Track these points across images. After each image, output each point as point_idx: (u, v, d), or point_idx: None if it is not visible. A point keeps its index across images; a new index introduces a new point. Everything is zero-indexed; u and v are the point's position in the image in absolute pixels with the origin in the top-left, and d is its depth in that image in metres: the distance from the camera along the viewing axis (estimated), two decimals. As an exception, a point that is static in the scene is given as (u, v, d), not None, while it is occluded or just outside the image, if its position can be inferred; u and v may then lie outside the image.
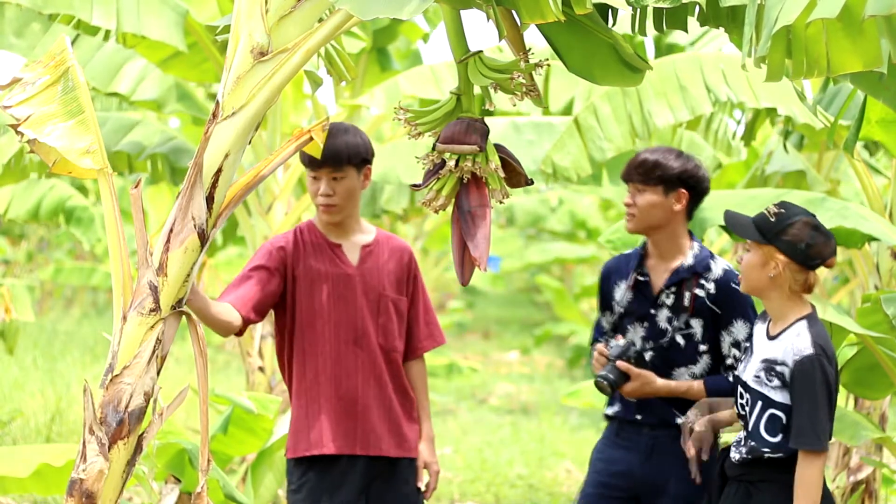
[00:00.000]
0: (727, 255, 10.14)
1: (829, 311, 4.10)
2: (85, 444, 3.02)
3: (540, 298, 22.61)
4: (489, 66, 3.12)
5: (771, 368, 3.56)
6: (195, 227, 3.06)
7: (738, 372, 3.67)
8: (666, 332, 3.97)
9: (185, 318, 3.14)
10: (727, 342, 3.94)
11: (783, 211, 3.59)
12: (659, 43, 7.08)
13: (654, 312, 3.99)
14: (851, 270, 8.90)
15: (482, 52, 3.15)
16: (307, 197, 6.80)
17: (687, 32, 3.35)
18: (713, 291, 3.96)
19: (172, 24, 5.71)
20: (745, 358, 3.69)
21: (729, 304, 3.94)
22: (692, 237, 4.05)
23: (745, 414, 3.62)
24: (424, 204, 3.20)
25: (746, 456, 3.59)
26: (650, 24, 3.32)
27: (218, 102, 3.11)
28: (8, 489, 4.81)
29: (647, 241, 4.07)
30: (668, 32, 6.06)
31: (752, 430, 3.59)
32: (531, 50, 3.11)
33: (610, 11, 3.29)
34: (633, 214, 3.98)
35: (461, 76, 3.18)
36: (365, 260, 4.12)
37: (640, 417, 3.99)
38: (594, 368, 3.99)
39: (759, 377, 3.58)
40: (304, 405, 4.06)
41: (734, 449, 3.64)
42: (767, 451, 3.55)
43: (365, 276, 4.10)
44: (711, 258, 4.01)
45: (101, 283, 14.18)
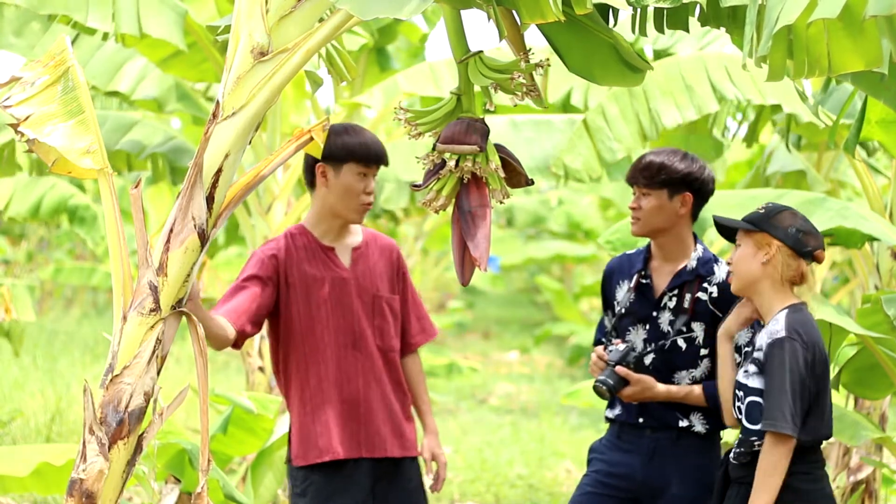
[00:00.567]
0: (728, 255, 10.14)
1: (829, 311, 4.10)
2: (85, 444, 3.01)
3: (540, 298, 22.60)
4: (489, 66, 3.12)
5: (751, 356, 3.60)
6: (195, 227, 3.06)
7: (737, 377, 3.68)
8: (667, 334, 3.96)
9: (185, 318, 3.14)
10: None
11: (770, 205, 3.70)
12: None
13: (655, 315, 3.98)
14: (851, 270, 8.91)
15: (482, 52, 3.14)
16: (307, 197, 6.79)
17: (688, 32, 3.35)
18: (715, 295, 3.95)
19: (172, 23, 5.71)
20: (743, 364, 3.70)
21: (731, 308, 3.93)
22: (696, 240, 4.04)
23: (740, 417, 3.63)
24: (425, 204, 3.20)
25: (739, 450, 3.60)
26: (650, 24, 3.32)
27: (218, 102, 3.11)
28: (8, 488, 4.81)
29: (650, 242, 4.05)
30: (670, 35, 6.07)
31: (740, 423, 3.62)
32: (531, 50, 3.11)
33: (610, 11, 3.29)
34: (637, 218, 3.96)
35: (461, 76, 3.18)
36: (357, 262, 4.11)
37: (641, 420, 3.98)
38: (592, 372, 3.98)
39: (746, 371, 3.62)
40: (310, 412, 4.04)
41: (733, 450, 3.65)
42: (755, 439, 3.55)
43: (359, 278, 4.10)
44: (715, 261, 4.00)
45: (101, 283, 14.18)
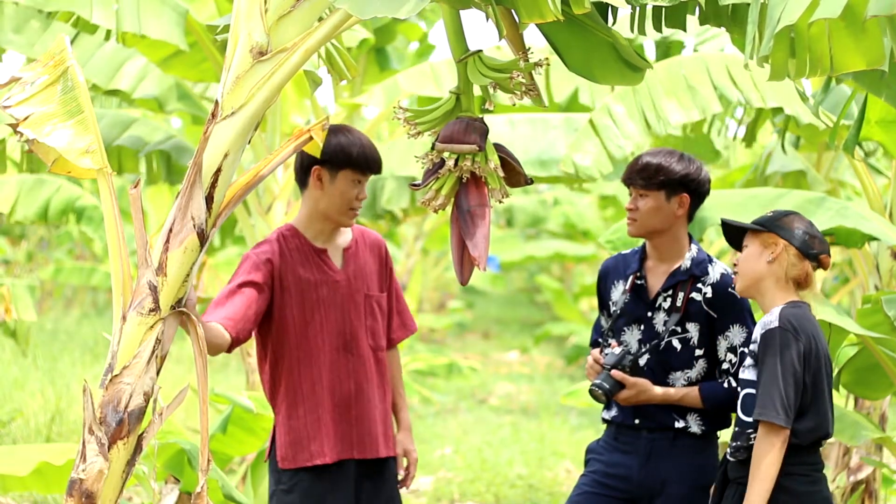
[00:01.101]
0: (726, 256, 10.13)
1: (829, 311, 4.10)
2: (85, 444, 3.01)
3: (540, 298, 22.60)
4: (489, 65, 3.12)
5: (747, 351, 3.63)
6: (194, 226, 3.06)
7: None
8: (662, 335, 3.96)
9: (184, 317, 3.13)
10: (723, 347, 3.93)
11: (777, 210, 3.73)
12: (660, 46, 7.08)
13: (650, 315, 3.98)
14: (851, 270, 8.90)
15: (482, 51, 3.14)
16: (307, 197, 6.79)
17: (686, 32, 3.35)
18: (710, 295, 3.95)
19: (173, 23, 5.71)
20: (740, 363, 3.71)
21: (726, 308, 3.93)
22: (691, 240, 4.04)
23: (736, 411, 3.65)
24: (424, 203, 3.20)
25: (736, 443, 3.60)
26: (649, 23, 3.32)
27: (217, 102, 3.11)
28: (8, 488, 4.81)
29: (645, 243, 4.05)
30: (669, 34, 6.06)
31: (737, 416, 3.63)
32: (530, 49, 3.11)
33: (609, 10, 3.29)
34: (634, 219, 3.96)
35: (461, 75, 3.18)
36: (349, 263, 4.06)
37: (637, 422, 3.98)
38: (589, 376, 3.98)
39: (743, 366, 3.64)
40: (301, 415, 4.00)
41: (730, 444, 3.65)
42: (751, 431, 3.56)
43: (351, 279, 4.05)
44: (709, 262, 4.00)
45: (101, 283, 14.17)
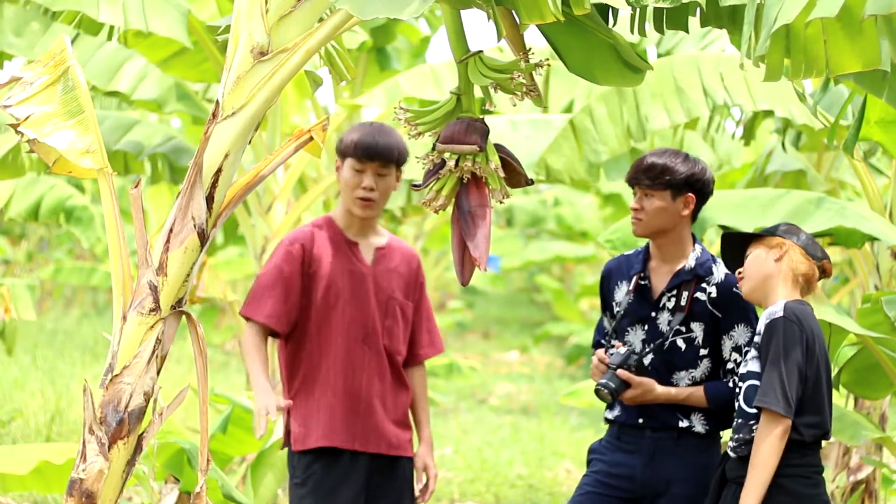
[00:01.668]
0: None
1: (829, 311, 4.10)
2: (85, 443, 3.01)
3: (540, 298, 22.60)
4: (489, 66, 3.12)
5: (752, 343, 3.65)
6: (195, 226, 3.06)
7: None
8: (666, 334, 3.96)
9: (185, 317, 3.14)
10: (728, 346, 3.94)
11: (770, 226, 3.81)
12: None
13: (654, 315, 3.98)
14: (851, 270, 8.90)
15: (482, 51, 3.14)
16: (307, 197, 6.80)
17: (687, 32, 3.35)
18: (714, 295, 3.95)
19: (176, 22, 5.73)
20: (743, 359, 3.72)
21: (730, 308, 3.93)
22: (695, 240, 4.05)
23: (738, 403, 3.65)
24: (424, 204, 3.20)
25: (738, 435, 3.60)
26: (650, 24, 3.32)
27: (218, 102, 3.11)
28: (8, 487, 4.81)
29: (649, 243, 4.06)
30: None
31: (738, 409, 3.63)
32: (531, 50, 3.11)
33: (610, 11, 3.29)
34: (640, 219, 3.96)
35: (461, 76, 3.18)
36: (378, 261, 4.20)
37: (641, 421, 3.98)
38: (593, 376, 3.98)
39: (745, 360, 3.66)
40: (316, 399, 4.12)
41: (731, 437, 3.66)
42: (753, 423, 3.56)
43: (377, 276, 4.18)
44: (713, 262, 4.00)
45: (101, 283, 14.18)
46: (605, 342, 4.09)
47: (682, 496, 3.91)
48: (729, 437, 3.83)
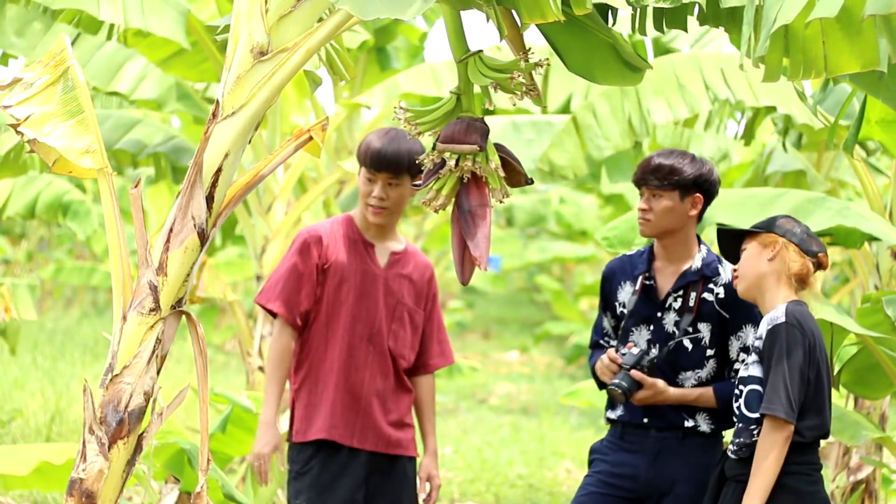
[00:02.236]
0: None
1: (829, 311, 4.10)
2: (85, 443, 3.02)
3: (540, 298, 22.59)
4: (489, 65, 3.12)
5: (751, 348, 3.64)
6: (195, 226, 3.06)
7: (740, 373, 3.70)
8: (672, 335, 3.96)
9: (185, 317, 3.14)
10: (735, 347, 3.94)
11: (769, 217, 3.79)
12: (657, 44, 7.08)
13: (660, 316, 3.97)
14: (851, 270, 8.91)
15: (482, 51, 3.15)
16: (307, 197, 6.81)
17: (687, 32, 3.35)
18: (722, 296, 3.95)
19: (175, 22, 5.73)
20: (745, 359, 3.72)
21: (738, 308, 3.92)
22: (700, 241, 4.04)
23: (739, 407, 3.65)
24: (424, 203, 3.20)
25: (739, 439, 3.60)
26: (650, 24, 3.32)
27: (218, 102, 3.11)
28: (9, 487, 4.81)
29: (653, 243, 4.05)
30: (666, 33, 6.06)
31: (738, 413, 3.63)
32: (531, 49, 3.11)
33: (610, 11, 3.29)
34: (648, 219, 3.96)
35: (461, 76, 3.18)
36: (392, 265, 4.26)
37: (646, 421, 3.98)
38: (603, 375, 3.96)
39: (745, 362, 3.65)
40: (319, 392, 4.18)
41: (732, 441, 3.66)
42: (754, 427, 3.56)
43: (389, 280, 4.23)
44: (719, 262, 4.00)
45: (101, 282, 14.18)
46: (604, 342, 4.09)
47: (686, 496, 3.91)
48: (729, 436, 3.84)
